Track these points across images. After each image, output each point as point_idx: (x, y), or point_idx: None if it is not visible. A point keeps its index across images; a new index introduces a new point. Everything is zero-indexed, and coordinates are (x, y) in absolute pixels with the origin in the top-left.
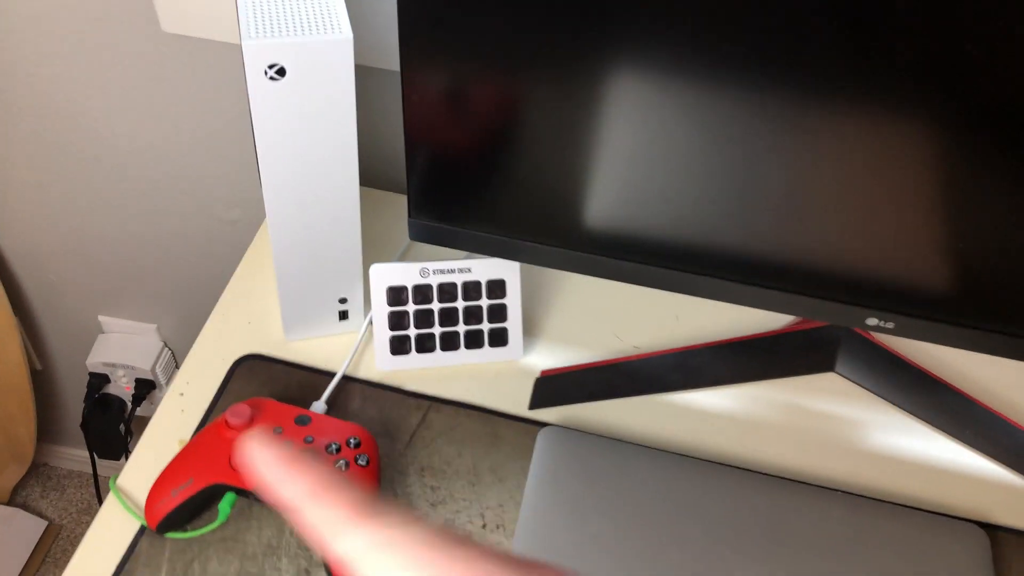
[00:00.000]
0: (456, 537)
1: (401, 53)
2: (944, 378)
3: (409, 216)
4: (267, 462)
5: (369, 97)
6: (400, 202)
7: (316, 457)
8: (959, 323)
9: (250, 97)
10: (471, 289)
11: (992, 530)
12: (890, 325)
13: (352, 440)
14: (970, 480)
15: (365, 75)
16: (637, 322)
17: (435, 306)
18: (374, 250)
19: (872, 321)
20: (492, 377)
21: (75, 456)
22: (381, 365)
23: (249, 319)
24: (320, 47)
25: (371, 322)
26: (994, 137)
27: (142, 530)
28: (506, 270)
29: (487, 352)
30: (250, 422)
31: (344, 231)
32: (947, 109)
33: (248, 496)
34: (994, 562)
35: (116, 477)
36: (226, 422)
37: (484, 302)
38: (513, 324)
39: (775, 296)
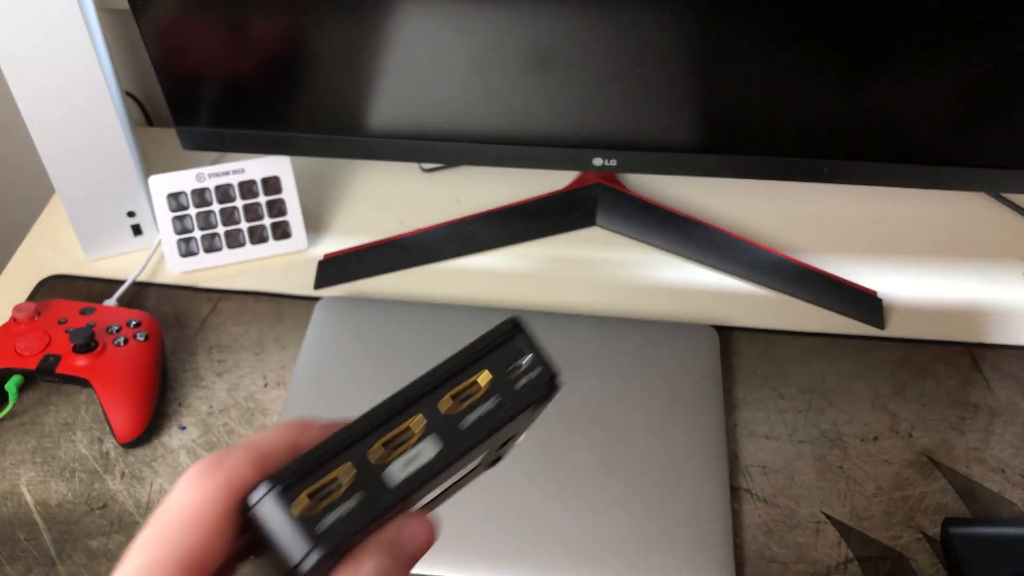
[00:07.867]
0: None
1: None
2: (689, 214)
3: (176, 125)
4: None
5: None
6: None
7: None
8: (673, 150)
9: None
10: (247, 188)
11: (725, 330)
12: (613, 162)
13: (132, 321)
14: (710, 294)
15: None
16: (420, 209)
17: (215, 207)
18: None
19: (598, 161)
20: (281, 268)
21: None
22: (172, 268)
23: (55, 248)
24: None
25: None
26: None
27: None
28: (278, 166)
29: (273, 246)
30: (35, 315)
31: (109, 139)
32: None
33: (35, 377)
34: (722, 354)
35: None
36: (13, 318)
37: (262, 199)
38: (294, 217)
39: (520, 151)
